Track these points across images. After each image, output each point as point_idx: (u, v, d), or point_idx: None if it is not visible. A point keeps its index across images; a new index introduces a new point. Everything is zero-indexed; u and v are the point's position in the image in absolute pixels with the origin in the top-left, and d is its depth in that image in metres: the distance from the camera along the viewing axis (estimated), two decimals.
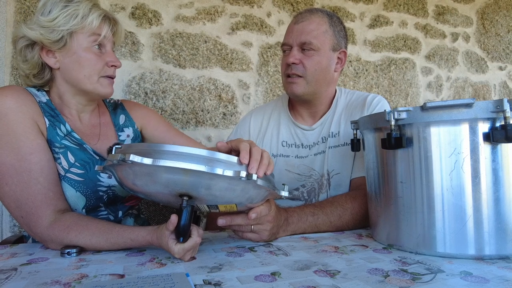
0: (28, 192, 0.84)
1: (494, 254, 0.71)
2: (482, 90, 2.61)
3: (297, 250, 0.81)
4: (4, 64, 1.67)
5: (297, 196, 1.23)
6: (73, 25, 0.91)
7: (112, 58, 0.99)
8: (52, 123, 0.93)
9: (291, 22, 1.19)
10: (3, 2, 1.67)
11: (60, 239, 0.81)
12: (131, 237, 0.79)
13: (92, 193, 0.95)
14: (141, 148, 0.68)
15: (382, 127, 0.83)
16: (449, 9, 2.54)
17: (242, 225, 0.85)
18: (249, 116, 1.37)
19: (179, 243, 0.72)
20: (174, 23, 1.92)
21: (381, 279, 0.62)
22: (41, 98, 0.96)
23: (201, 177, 0.66)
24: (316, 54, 1.14)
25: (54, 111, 0.96)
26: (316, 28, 1.14)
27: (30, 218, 0.84)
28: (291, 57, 1.14)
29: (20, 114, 0.87)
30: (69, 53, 0.94)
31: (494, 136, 0.68)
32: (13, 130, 0.85)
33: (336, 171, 1.18)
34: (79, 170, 0.94)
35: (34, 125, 0.89)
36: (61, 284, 0.61)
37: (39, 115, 0.91)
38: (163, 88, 1.90)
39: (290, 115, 1.29)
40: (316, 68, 1.14)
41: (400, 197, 0.79)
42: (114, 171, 0.75)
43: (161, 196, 0.75)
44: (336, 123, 1.22)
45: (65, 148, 0.93)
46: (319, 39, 1.13)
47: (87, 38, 0.94)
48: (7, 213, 1.66)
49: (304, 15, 1.17)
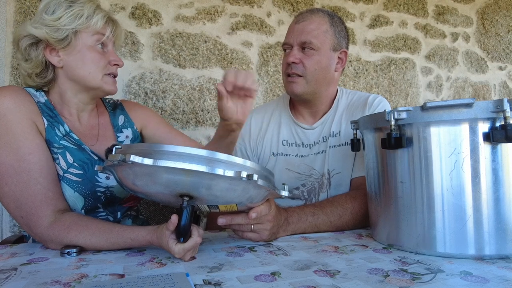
0: (27, 192, 0.84)
1: (494, 254, 0.71)
2: (482, 90, 2.61)
3: (297, 250, 0.81)
4: (4, 64, 1.67)
5: (297, 195, 1.23)
6: (78, 24, 0.93)
7: (115, 57, 1.01)
8: (51, 123, 0.94)
9: (292, 22, 1.20)
10: (3, 2, 1.67)
11: (60, 239, 0.81)
12: (131, 237, 0.79)
13: (90, 194, 0.95)
14: (142, 149, 0.68)
15: (382, 127, 0.83)
16: (449, 9, 2.54)
17: (242, 225, 0.86)
18: (249, 115, 1.36)
19: (180, 243, 0.72)
20: (174, 23, 1.92)
21: (381, 279, 0.62)
22: (40, 99, 0.96)
23: (201, 177, 0.66)
24: (316, 54, 1.14)
25: (53, 111, 0.96)
26: (316, 27, 1.14)
27: (30, 218, 0.84)
28: (291, 57, 1.14)
29: (18, 114, 0.87)
30: (73, 51, 0.95)
31: (494, 136, 0.68)
32: (11, 131, 0.85)
33: (337, 171, 1.19)
34: (77, 170, 0.94)
35: (32, 125, 0.89)
36: (61, 284, 0.61)
37: (37, 115, 0.91)
38: (163, 88, 1.90)
39: (291, 114, 1.29)
40: (316, 67, 1.15)
41: (400, 197, 0.79)
42: (114, 171, 0.75)
43: (161, 196, 0.75)
44: (337, 122, 1.22)
45: (64, 149, 0.93)
46: (319, 39, 1.14)
47: (91, 37, 0.96)
48: (7, 213, 1.66)
49: (305, 15, 1.18)
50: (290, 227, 0.95)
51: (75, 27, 0.93)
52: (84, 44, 0.95)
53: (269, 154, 1.28)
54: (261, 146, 1.29)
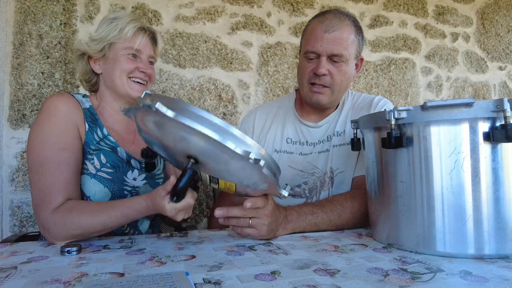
0: (50, 181, 0.92)
1: (493, 254, 0.71)
2: (482, 90, 2.61)
3: (297, 249, 0.81)
4: (4, 63, 1.68)
5: (298, 192, 1.23)
6: (112, 37, 1.07)
7: (143, 65, 1.11)
8: (91, 128, 1.06)
9: (318, 28, 1.13)
10: (3, 2, 1.67)
11: (62, 220, 0.86)
12: (127, 205, 0.85)
13: (118, 191, 1.04)
14: (168, 101, 0.68)
15: (382, 127, 0.83)
16: (449, 9, 2.54)
17: (240, 220, 0.87)
18: (254, 112, 1.38)
19: (172, 202, 0.75)
20: (174, 23, 1.93)
21: (381, 278, 0.62)
22: (85, 105, 1.09)
23: (213, 145, 0.67)
24: (344, 65, 1.13)
25: (95, 116, 1.09)
26: (346, 38, 1.11)
27: (41, 204, 0.90)
28: (322, 68, 1.11)
29: (66, 117, 1.01)
30: (108, 60, 1.10)
31: (494, 135, 0.68)
32: (57, 128, 0.98)
33: (340, 170, 1.19)
34: (109, 169, 1.03)
35: (75, 129, 1.02)
36: (61, 282, 0.61)
37: (81, 121, 1.04)
38: (163, 88, 1.90)
39: (296, 113, 1.30)
40: (342, 79, 1.15)
41: (400, 196, 0.79)
42: (136, 115, 0.76)
43: (171, 152, 0.77)
44: (342, 122, 1.24)
45: (99, 151, 1.04)
46: (349, 50, 1.12)
47: (122, 47, 1.08)
48: (7, 213, 1.66)
49: (334, 23, 1.12)
50: (290, 225, 0.95)
51: (109, 39, 1.07)
52: (116, 53, 1.08)
53: (272, 151, 1.28)
54: (263, 143, 1.30)
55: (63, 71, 1.75)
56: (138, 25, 1.09)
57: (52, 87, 1.73)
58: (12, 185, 1.67)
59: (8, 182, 1.67)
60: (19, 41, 1.70)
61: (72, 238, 0.88)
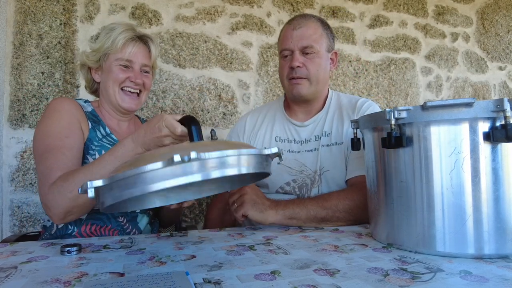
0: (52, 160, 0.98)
1: (493, 254, 0.71)
2: (482, 90, 2.61)
3: (297, 249, 0.81)
4: (4, 64, 1.67)
5: (289, 191, 1.27)
6: (106, 48, 1.14)
7: (134, 75, 1.15)
8: (94, 127, 1.13)
9: (288, 28, 1.26)
10: (3, 2, 1.67)
11: (60, 186, 0.91)
12: (119, 144, 0.92)
13: None
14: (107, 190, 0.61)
15: (382, 127, 0.83)
16: (449, 9, 2.54)
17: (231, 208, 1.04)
18: (246, 115, 1.47)
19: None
20: (174, 23, 1.93)
21: (381, 278, 0.62)
22: (87, 108, 1.17)
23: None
24: (316, 57, 1.23)
25: (97, 117, 1.17)
26: (314, 32, 1.23)
27: (43, 183, 0.95)
28: (296, 61, 1.21)
29: (69, 113, 1.09)
30: (104, 70, 1.17)
31: (494, 135, 0.68)
32: (61, 122, 1.06)
33: (326, 169, 1.24)
34: None
35: (77, 123, 1.09)
36: (61, 282, 0.61)
37: (84, 119, 1.12)
38: (163, 88, 1.90)
39: (285, 112, 1.37)
40: (317, 69, 1.24)
41: (400, 196, 0.79)
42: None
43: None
44: (329, 122, 1.29)
45: (101, 147, 1.10)
46: (318, 42, 1.23)
47: (114, 58, 1.14)
48: (7, 213, 1.66)
49: (300, 21, 1.25)
50: (280, 207, 1.04)
51: (104, 50, 1.14)
52: (110, 64, 1.14)
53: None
54: (253, 142, 1.37)
55: (63, 71, 1.75)
56: (128, 35, 1.14)
57: (52, 87, 1.73)
58: (12, 185, 1.67)
59: (8, 182, 1.67)
60: (19, 41, 1.70)
61: (70, 207, 0.91)
